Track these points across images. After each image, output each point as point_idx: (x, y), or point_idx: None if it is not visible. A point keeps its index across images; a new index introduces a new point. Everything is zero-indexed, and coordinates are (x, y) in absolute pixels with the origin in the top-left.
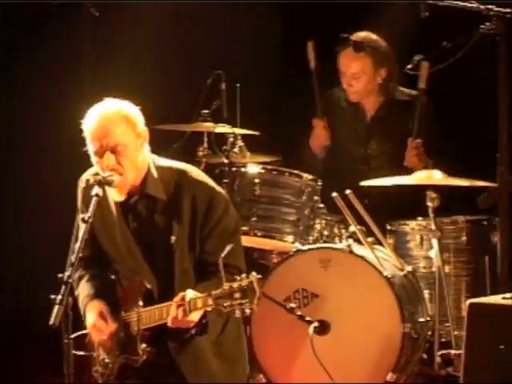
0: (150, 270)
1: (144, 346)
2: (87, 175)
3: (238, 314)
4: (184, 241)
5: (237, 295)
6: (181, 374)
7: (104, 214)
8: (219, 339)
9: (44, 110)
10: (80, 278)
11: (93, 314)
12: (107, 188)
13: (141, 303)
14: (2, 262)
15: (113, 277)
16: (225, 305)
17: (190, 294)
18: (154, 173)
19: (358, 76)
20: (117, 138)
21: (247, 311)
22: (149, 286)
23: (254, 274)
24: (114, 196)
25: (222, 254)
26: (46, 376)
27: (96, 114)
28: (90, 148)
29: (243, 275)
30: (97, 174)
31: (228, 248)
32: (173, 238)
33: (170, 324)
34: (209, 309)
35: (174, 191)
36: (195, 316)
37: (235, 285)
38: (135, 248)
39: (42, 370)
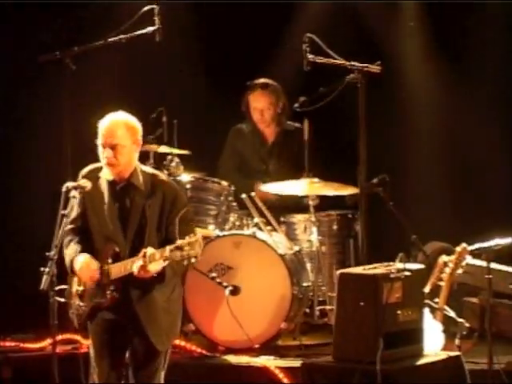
0: (123, 238)
1: (111, 292)
2: (85, 170)
3: (185, 262)
4: (153, 223)
5: (186, 248)
6: (137, 317)
7: (95, 197)
8: (169, 299)
9: (31, 134)
10: (69, 242)
11: (82, 260)
12: (101, 176)
13: (110, 261)
14: None
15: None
16: (178, 255)
17: (150, 250)
18: (139, 172)
19: (267, 107)
20: (118, 139)
21: (193, 260)
22: (117, 249)
23: (199, 231)
24: (107, 176)
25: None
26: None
27: (109, 118)
28: (99, 141)
29: (191, 234)
30: (92, 169)
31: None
32: (146, 219)
33: (135, 273)
34: (165, 260)
35: (150, 187)
36: (154, 266)
37: (185, 241)
38: (116, 221)
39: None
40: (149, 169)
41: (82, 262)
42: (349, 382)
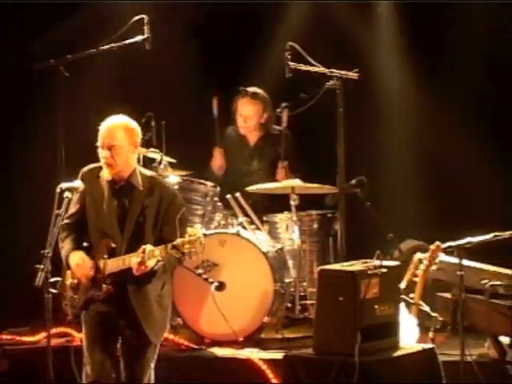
0: (120, 235)
1: (106, 285)
2: (86, 169)
3: (186, 258)
4: (150, 222)
5: (187, 246)
6: (133, 310)
7: (95, 194)
8: (160, 293)
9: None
10: (66, 236)
11: (77, 257)
12: (101, 175)
13: (106, 256)
14: None
15: (85, 244)
16: (178, 253)
17: (149, 247)
18: (138, 173)
19: (251, 116)
20: (115, 140)
21: (194, 257)
22: (114, 245)
23: (199, 230)
24: (105, 175)
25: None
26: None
27: (109, 121)
28: (98, 142)
29: (192, 233)
30: (93, 168)
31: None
32: (143, 218)
33: (134, 268)
34: (164, 257)
35: (149, 188)
36: (151, 262)
37: (186, 239)
38: (114, 220)
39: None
40: (148, 171)
41: (77, 259)
42: (328, 373)
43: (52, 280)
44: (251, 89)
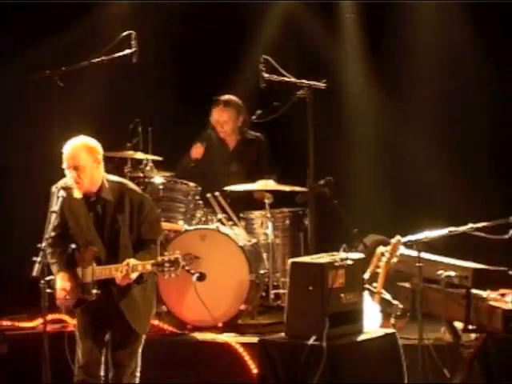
0: (101, 243)
1: (95, 290)
2: (58, 183)
3: (166, 275)
4: (125, 226)
5: (167, 264)
6: (119, 309)
7: (73, 207)
8: (144, 288)
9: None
10: (53, 253)
11: (60, 281)
12: (75, 191)
13: (94, 264)
14: None
15: (73, 246)
16: (158, 270)
17: (133, 261)
18: (106, 184)
19: (227, 121)
20: (79, 161)
21: (172, 275)
22: (97, 253)
23: (177, 252)
24: (76, 194)
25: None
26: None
27: (69, 144)
28: (63, 165)
29: (171, 252)
30: (64, 183)
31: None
32: (118, 224)
33: (118, 280)
34: (146, 271)
35: (119, 196)
36: (134, 275)
37: (166, 258)
38: (92, 229)
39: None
40: (115, 178)
41: (62, 284)
42: (299, 356)
43: (47, 278)
44: (224, 97)
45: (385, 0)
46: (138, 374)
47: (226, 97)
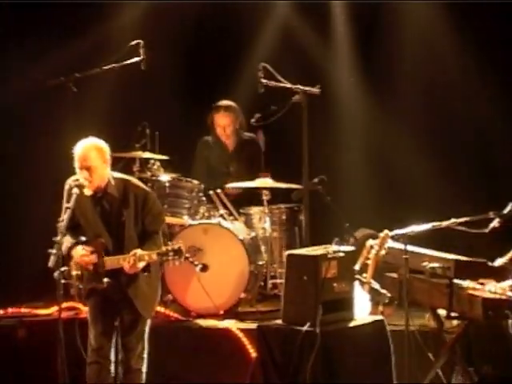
0: (108, 235)
1: (106, 279)
2: (70, 179)
3: (171, 264)
4: (130, 219)
5: (171, 254)
6: (127, 296)
7: (81, 203)
8: (149, 275)
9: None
10: (65, 234)
11: (79, 249)
12: (85, 189)
13: (103, 255)
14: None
15: (83, 238)
16: (163, 259)
17: (140, 251)
18: (112, 181)
19: (228, 125)
20: (90, 161)
21: (176, 263)
22: (106, 245)
23: (180, 241)
24: (86, 192)
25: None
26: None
27: (81, 145)
28: (75, 164)
29: (174, 242)
30: (77, 179)
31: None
32: (123, 218)
33: (126, 269)
34: (152, 261)
35: (123, 191)
36: (141, 264)
37: (169, 248)
38: (100, 222)
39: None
40: (120, 175)
41: (81, 251)
42: (295, 340)
43: (62, 269)
44: (223, 102)
45: (377, 11)
46: (145, 356)
47: (225, 102)
